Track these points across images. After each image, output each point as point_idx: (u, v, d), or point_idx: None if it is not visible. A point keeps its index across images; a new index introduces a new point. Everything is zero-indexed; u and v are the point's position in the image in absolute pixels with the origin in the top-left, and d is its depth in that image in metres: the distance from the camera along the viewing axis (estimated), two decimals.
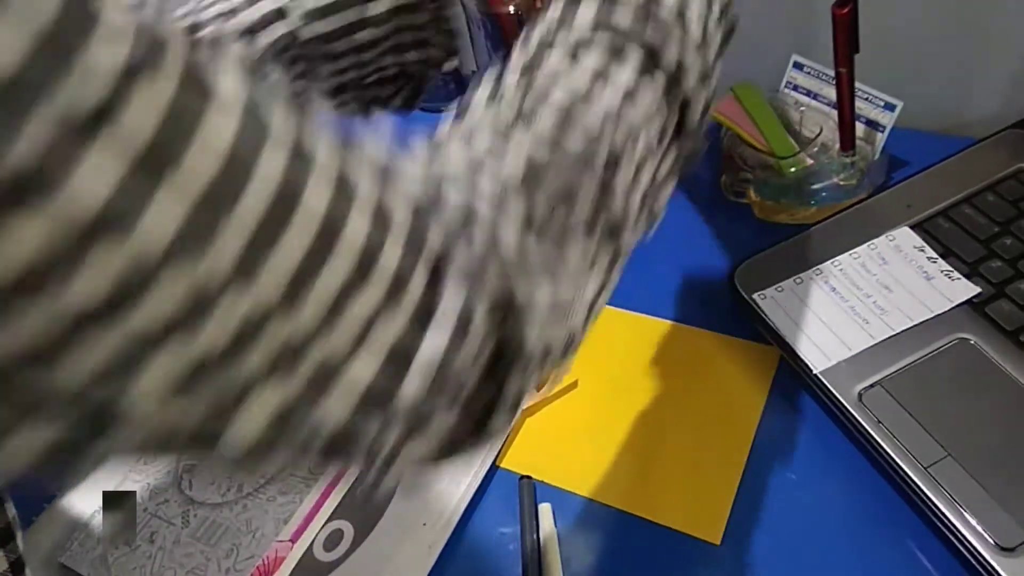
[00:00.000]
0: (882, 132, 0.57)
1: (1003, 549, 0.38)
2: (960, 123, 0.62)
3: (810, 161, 0.58)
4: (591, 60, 0.28)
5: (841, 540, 0.42)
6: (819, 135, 0.58)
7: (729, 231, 0.59)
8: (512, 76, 0.29)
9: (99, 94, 0.15)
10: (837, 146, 0.57)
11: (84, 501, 0.50)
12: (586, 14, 0.29)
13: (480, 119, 0.27)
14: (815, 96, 0.60)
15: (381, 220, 0.21)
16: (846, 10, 0.50)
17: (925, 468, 0.41)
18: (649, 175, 0.30)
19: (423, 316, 0.22)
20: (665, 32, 0.29)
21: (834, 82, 0.54)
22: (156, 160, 0.16)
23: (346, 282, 0.20)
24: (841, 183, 0.57)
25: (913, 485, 0.41)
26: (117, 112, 0.16)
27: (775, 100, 0.61)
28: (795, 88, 0.61)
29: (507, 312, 0.23)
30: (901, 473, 0.42)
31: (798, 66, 0.60)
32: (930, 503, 0.40)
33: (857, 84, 0.54)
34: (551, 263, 0.26)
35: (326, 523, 0.46)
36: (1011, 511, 0.39)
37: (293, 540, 0.45)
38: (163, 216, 0.16)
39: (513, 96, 0.28)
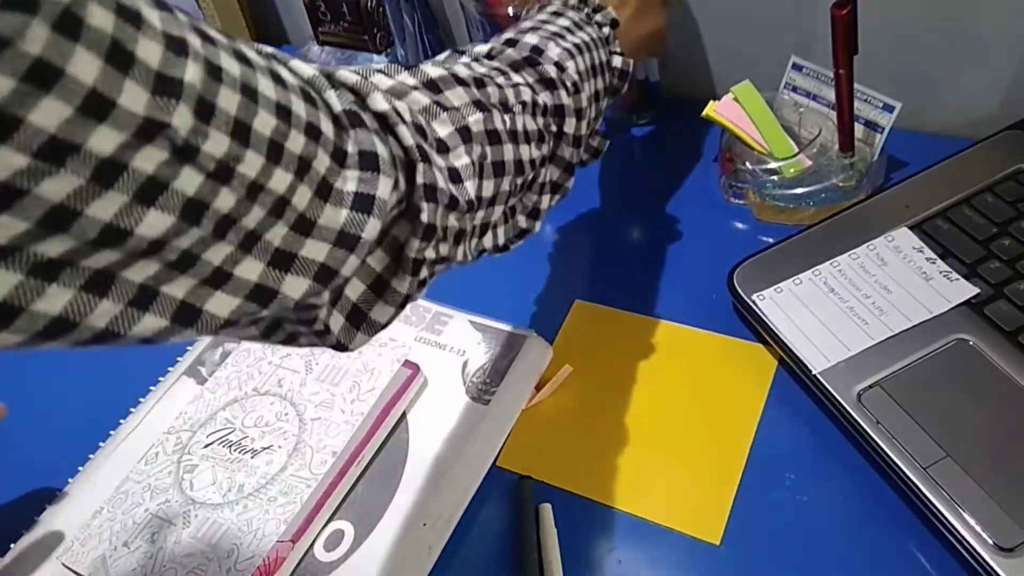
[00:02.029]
0: (881, 133, 0.57)
1: (1002, 549, 0.38)
2: (959, 124, 0.62)
3: (809, 162, 0.58)
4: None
5: (840, 540, 0.42)
6: (818, 136, 0.58)
7: (728, 232, 0.60)
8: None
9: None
10: (836, 147, 0.57)
11: (85, 502, 0.50)
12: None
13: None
14: (814, 97, 0.60)
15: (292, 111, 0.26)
16: (845, 11, 0.50)
17: (924, 468, 0.41)
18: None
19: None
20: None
21: (833, 83, 0.54)
22: None
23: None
24: (840, 184, 0.57)
25: (912, 485, 0.41)
26: None
27: (774, 101, 0.61)
28: (794, 89, 0.61)
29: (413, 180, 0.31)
30: (900, 473, 0.42)
31: (797, 67, 0.60)
32: (929, 503, 0.40)
33: (856, 85, 0.54)
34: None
35: (327, 523, 0.47)
36: (1010, 511, 0.39)
37: (294, 540, 0.45)
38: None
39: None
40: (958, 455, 0.41)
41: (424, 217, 0.32)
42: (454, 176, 0.34)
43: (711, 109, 0.61)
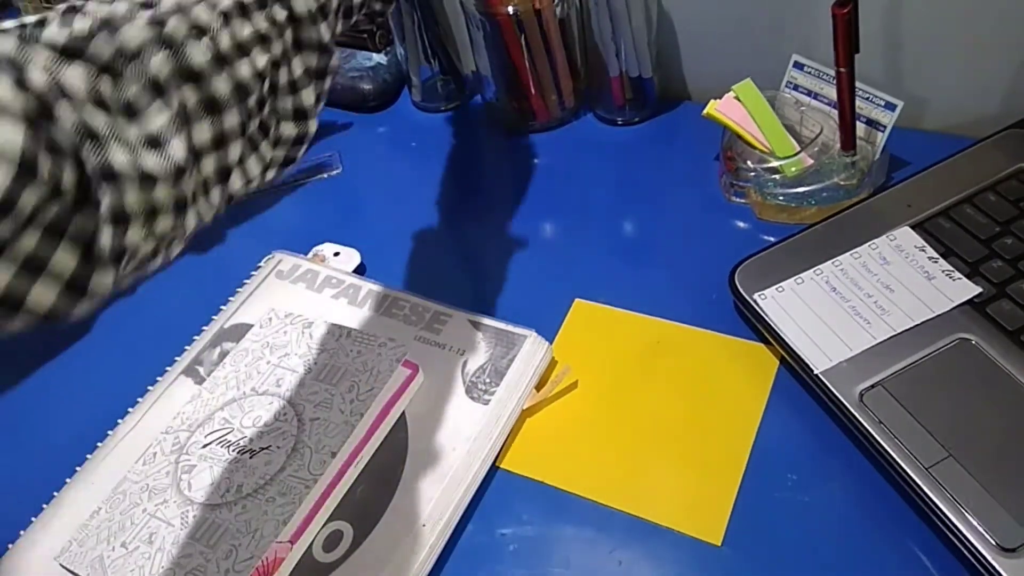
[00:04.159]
0: (883, 132, 0.57)
1: (1004, 549, 0.38)
2: (961, 123, 0.62)
3: (810, 161, 0.58)
4: None
5: (842, 541, 0.42)
6: (819, 135, 0.58)
7: (729, 231, 0.59)
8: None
9: None
10: (838, 146, 0.57)
11: (82, 502, 0.49)
12: None
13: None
14: (816, 96, 0.60)
15: None
16: (846, 10, 0.50)
17: (926, 468, 0.41)
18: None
19: None
20: None
21: (834, 82, 0.54)
22: None
23: None
24: (842, 183, 0.57)
25: (914, 485, 0.41)
26: None
27: (776, 100, 0.60)
28: (796, 88, 0.61)
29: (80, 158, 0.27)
30: (902, 473, 0.41)
31: (798, 66, 0.60)
32: (931, 503, 0.40)
33: (858, 84, 0.54)
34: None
35: (325, 524, 0.46)
36: (1012, 511, 0.39)
37: (292, 541, 0.45)
38: None
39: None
40: (961, 455, 0.41)
41: (106, 207, 0.27)
42: (153, 142, 0.29)
43: (712, 108, 0.60)
